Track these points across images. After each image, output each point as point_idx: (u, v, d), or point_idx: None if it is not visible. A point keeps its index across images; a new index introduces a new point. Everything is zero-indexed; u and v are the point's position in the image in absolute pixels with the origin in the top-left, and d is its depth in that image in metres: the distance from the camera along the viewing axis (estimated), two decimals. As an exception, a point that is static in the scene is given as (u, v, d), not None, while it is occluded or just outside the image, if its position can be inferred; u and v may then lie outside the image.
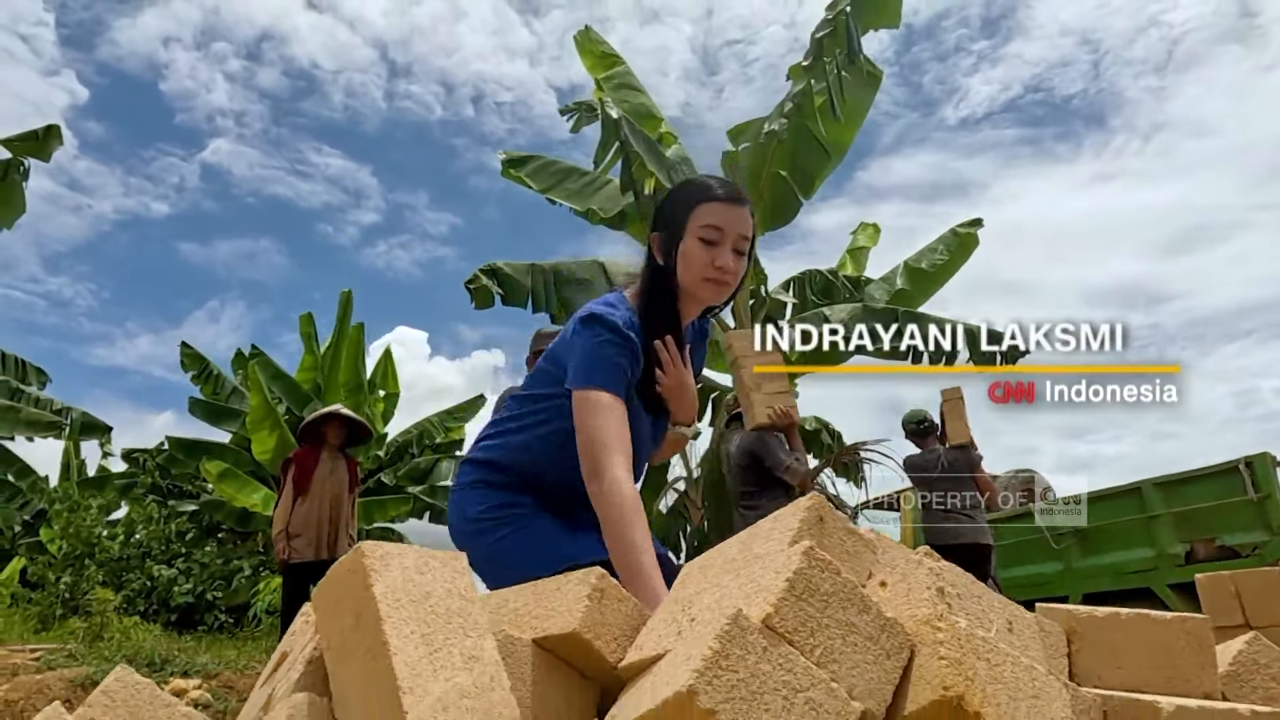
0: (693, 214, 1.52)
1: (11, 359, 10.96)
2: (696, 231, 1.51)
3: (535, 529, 1.51)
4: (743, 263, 1.56)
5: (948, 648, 0.81)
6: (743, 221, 1.53)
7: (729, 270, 1.51)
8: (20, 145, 8.77)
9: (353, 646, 0.94)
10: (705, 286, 1.52)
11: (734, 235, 1.52)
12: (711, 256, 1.50)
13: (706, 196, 1.53)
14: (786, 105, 6.76)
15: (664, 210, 1.60)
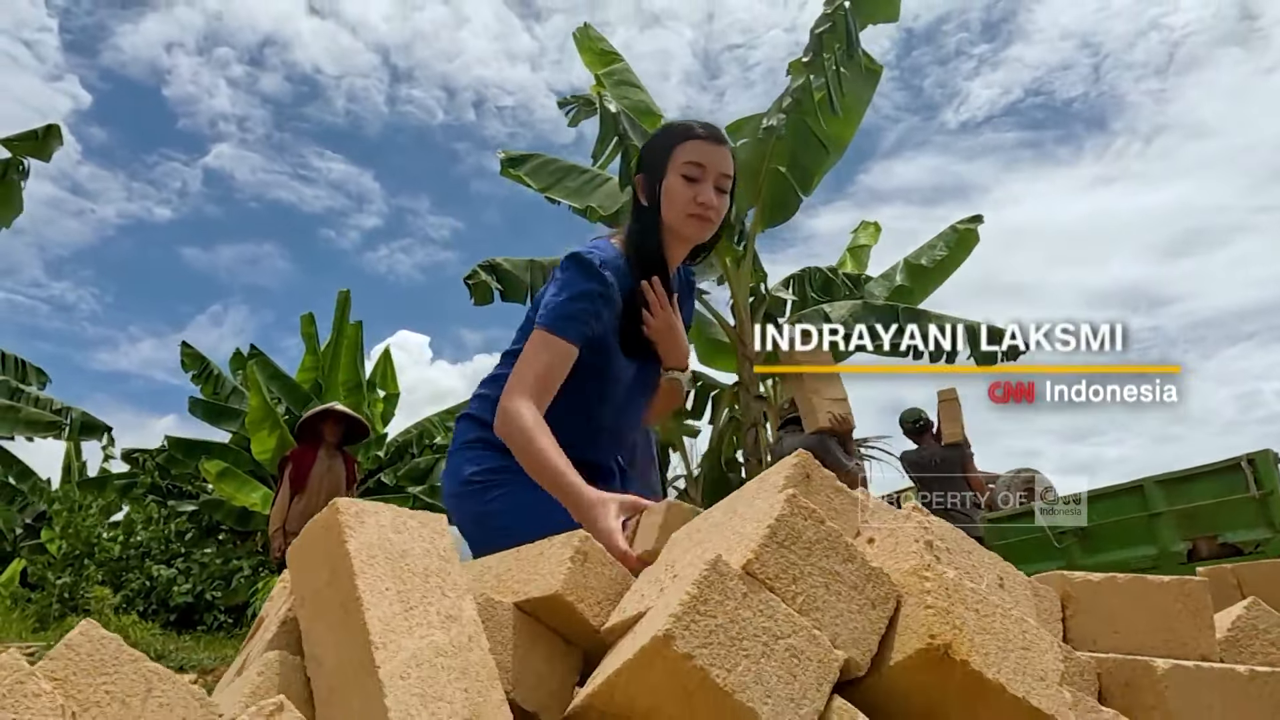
0: (674, 152, 1.54)
1: (11, 359, 10.96)
2: (679, 169, 1.53)
3: (527, 491, 1.48)
4: (725, 200, 1.57)
5: (935, 597, 0.78)
6: (724, 160, 1.56)
7: (711, 205, 1.53)
8: (20, 145, 8.77)
9: (326, 603, 0.92)
10: (689, 223, 1.54)
11: (715, 173, 1.54)
12: (694, 192, 1.52)
13: (688, 135, 1.55)
14: (785, 101, 6.74)
15: (647, 151, 1.61)
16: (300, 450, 5.39)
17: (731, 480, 7.27)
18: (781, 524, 0.79)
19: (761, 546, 0.77)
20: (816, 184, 7.62)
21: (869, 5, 6.66)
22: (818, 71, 6.65)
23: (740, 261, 7.51)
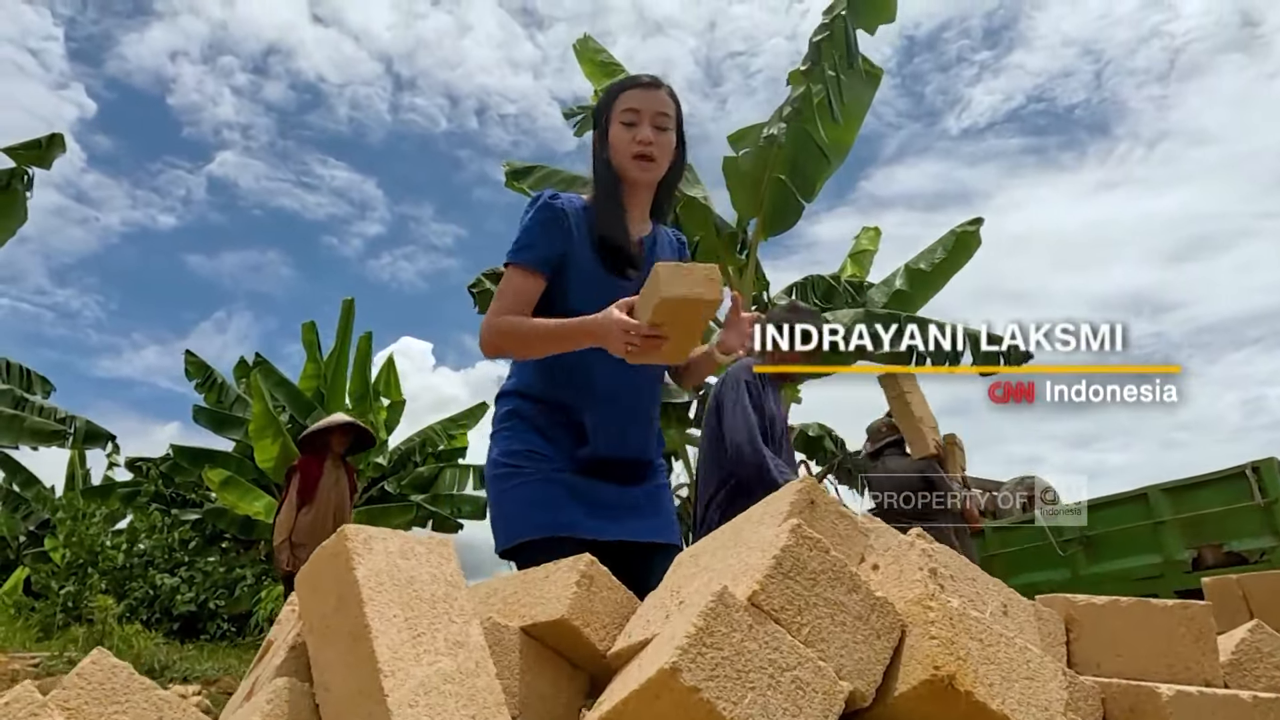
0: (614, 104, 1.66)
1: (16, 368, 10.97)
2: (618, 117, 1.64)
3: (536, 489, 1.58)
4: (667, 137, 1.65)
5: (939, 627, 0.79)
6: (659, 101, 1.65)
7: (648, 140, 1.61)
8: (24, 154, 8.81)
9: (334, 630, 0.92)
10: (632, 164, 1.63)
11: (650, 113, 1.63)
12: (632, 135, 1.62)
13: (624, 86, 1.68)
14: (786, 110, 6.75)
15: (595, 113, 1.72)
16: (306, 461, 5.39)
17: (734, 489, 7.27)
18: (787, 554, 0.80)
19: (767, 578, 0.78)
20: (818, 191, 7.61)
21: (867, 10, 6.66)
22: (817, 80, 6.67)
23: (743, 270, 7.52)
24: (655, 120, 1.63)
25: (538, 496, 1.58)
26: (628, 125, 1.63)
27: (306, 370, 12.67)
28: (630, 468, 1.70)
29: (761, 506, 1.07)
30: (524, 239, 1.61)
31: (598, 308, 1.56)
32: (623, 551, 1.60)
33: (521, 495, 1.59)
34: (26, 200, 9.16)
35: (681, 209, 6.66)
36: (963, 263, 7.81)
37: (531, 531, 1.56)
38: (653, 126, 1.63)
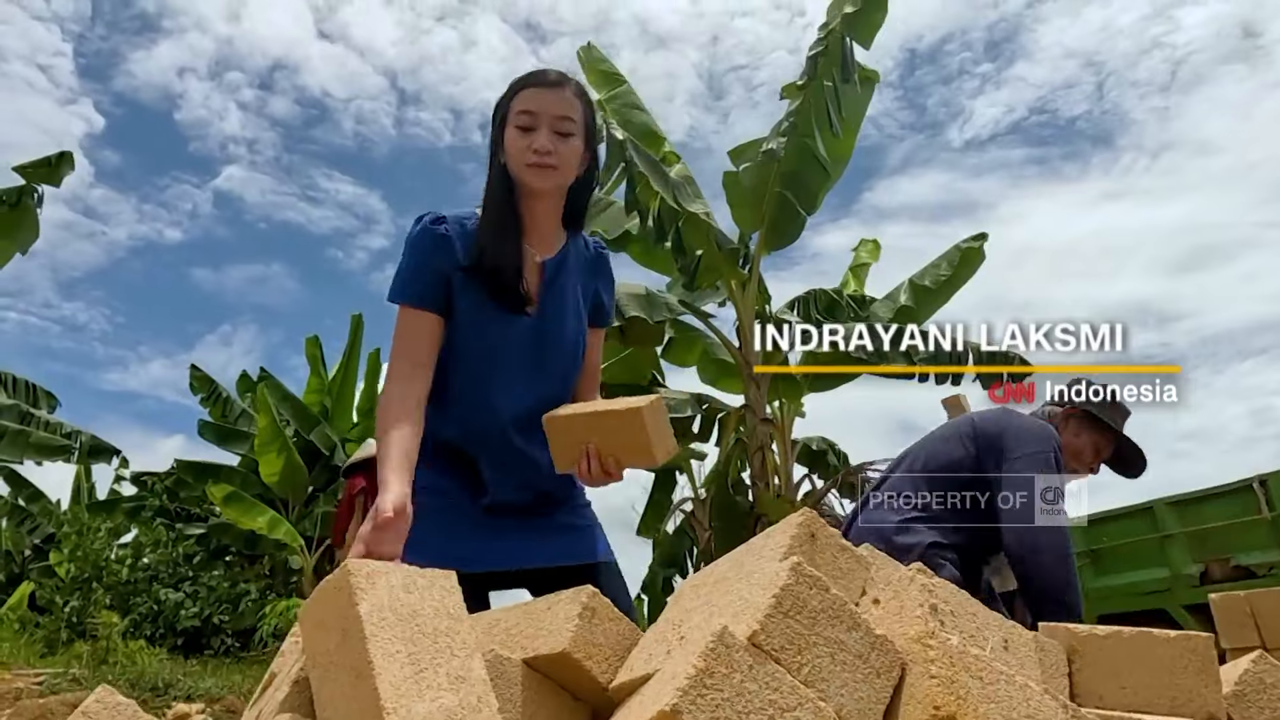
0: (510, 105, 1.47)
1: (22, 383, 11.03)
2: (514, 120, 1.45)
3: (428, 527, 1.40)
4: (570, 144, 1.46)
5: (939, 666, 0.79)
6: (560, 102, 1.45)
7: (546, 150, 1.42)
8: (34, 171, 8.89)
9: (338, 665, 0.93)
10: (527, 172, 1.44)
11: (549, 117, 1.44)
12: (528, 142, 1.43)
13: (522, 85, 1.48)
14: (784, 124, 6.79)
15: (495, 108, 1.52)
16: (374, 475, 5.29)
17: (739, 504, 7.25)
18: (787, 593, 0.80)
19: (767, 617, 0.78)
20: (820, 203, 7.64)
21: (862, 21, 6.68)
22: (815, 93, 6.70)
23: (745, 284, 7.53)
24: (556, 125, 1.44)
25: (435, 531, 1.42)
26: (523, 130, 1.44)
27: (311, 385, 12.72)
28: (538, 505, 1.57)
29: (763, 538, 1.07)
30: (404, 271, 1.45)
31: (488, 348, 1.47)
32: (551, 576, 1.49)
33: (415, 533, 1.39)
34: (38, 217, 9.26)
35: (683, 224, 6.69)
36: (967, 278, 7.82)
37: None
38: (553, 132, 1.44)
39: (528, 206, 1.50)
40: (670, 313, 6.98)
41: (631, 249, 7.84)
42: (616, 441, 1.42)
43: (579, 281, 1.58)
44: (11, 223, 9.04)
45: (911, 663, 0.82)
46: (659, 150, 7.90)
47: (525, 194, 1.49)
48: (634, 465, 1.47)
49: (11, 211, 9.00)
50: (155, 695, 4.23)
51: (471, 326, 1.47)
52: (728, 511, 7.16)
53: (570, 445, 1.45)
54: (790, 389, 8.22)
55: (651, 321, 6.64)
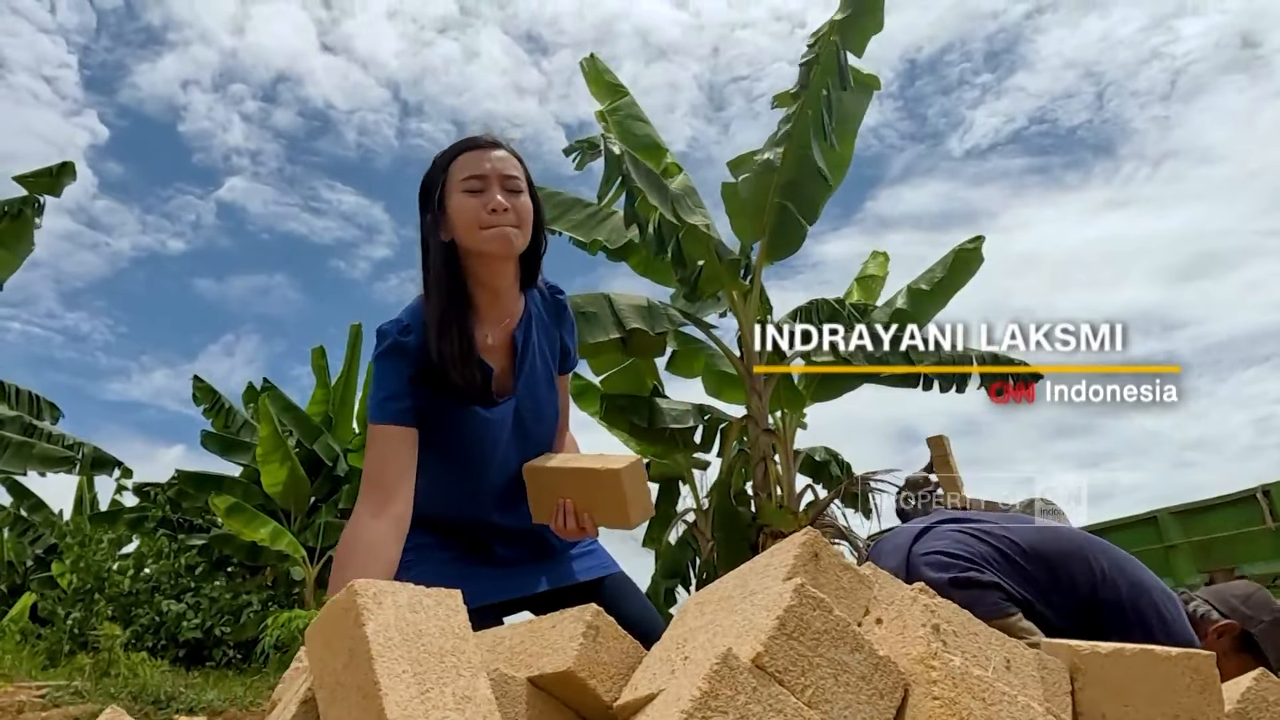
0: (449, 172, 1.40)
1: (25, 394, 11.04)
2: (458, 187, 1.38)
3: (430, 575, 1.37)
4: (522, 201, 1.40)
5: (941, 687, 0.80)
6: (504, 161, 1.40)
7: (501, 207, 1.36)
8: (35, 182, 8.95)
9: (345, 686, 0.93)
10: (484, 236, 1.36)
11: (498, 176, 1.38)
12: (481, 202, 1.36)
13: (456, 151, 1.42)
14: (779, 134, 6.82)
15: (422, 190, 1.45)
16: None
17: (741, 514, 7.24)
18: (790, 615, 0.81)
19: (771, 639, 0.79)
20: (820, 212, 7.66)
21: (856, 30, 6.70)
22: (812, 103, 6.72)
23: (747, 295, 7.55)
24: (504, 183, 1.38)
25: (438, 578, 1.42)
26: (473, 193, 1.37)
27: (316, 395, 12.74)
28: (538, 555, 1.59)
29: (767, 557, 1.08)
30: (383, 392, 1.37)
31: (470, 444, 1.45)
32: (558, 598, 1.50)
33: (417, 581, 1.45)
34: (35, 228, 9.29)
35: (683, 236, 6.71)
36: (964, 281, 7.83)
37: None
38: (504, 189, 1.38)
39: (485, 279, 1.42)
40: (671, 324, 7.00)
41: (633, 260, 7.86)
42: (593, 500, 1.44)
43: (545, 339, 1.54)
44: (13, 234, 9.08)
45: (914, 684, 0.83)
46: (661, 161, 7.93)
47: (481, 264, 1.40)
48: (608, 525, 1.48)
49: (14, 223, 9.05)
50: (157, 708, 4.23)
51: (450, 426, 1.43)
52: (730, 522, 7.15)
53: (548, 498, 1.47)
54: (792, 399, 8.22)
55: (653, 333, 6.65)
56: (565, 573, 1.58)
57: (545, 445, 1.58)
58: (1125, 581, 1.86)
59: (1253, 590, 2.09)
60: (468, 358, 1.38)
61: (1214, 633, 1.98)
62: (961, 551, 1.85)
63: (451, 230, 1.39)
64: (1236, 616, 1.99)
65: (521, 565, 1.56)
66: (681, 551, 8.92)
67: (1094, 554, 1.89)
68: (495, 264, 1.40)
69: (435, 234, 1.40)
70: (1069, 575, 1.84)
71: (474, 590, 1.44)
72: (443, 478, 1.47)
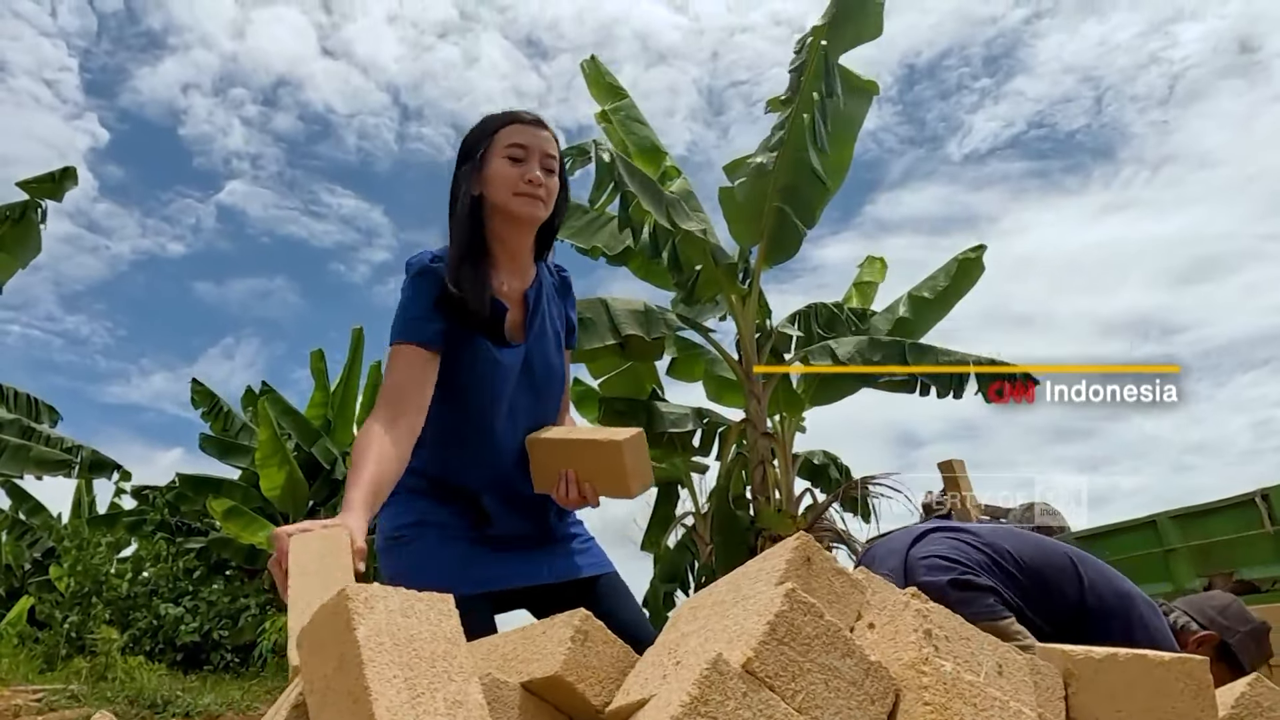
0: (496, 137, 1.51)
1: (23, 397, 11.03)
2: (502, 152, 1.50)
3: (430, 554, 1.45)
4: (554, 181, 1.53)
5: (933, 693, 0.80)
6: (548, 141, 1.53)
7: (539, 182, 1.48)
8: (37, 187, 8.95)
9: (335, 691, 0.93)
10: (518, 201, 1.48)
11: (540, 153, 1.51)
12: (520, 171, 1.48)
13: (508, 120, 1.53)
14: (774, 138, 6.82)
15: (466, 143, 1.56)
16: None
17: (740, 518, 7.23)
18: (781, 620, 0.81)
19: (761, 644, 0.79)
20: (819, 216, 7.67)
21: (850, 31, 6.70)
22: (804, 107, 6.73)
23: (746, 299, 7.55)
24: (543, 160, 1.51)
25: (436, 558, 1.45)
26: (514, 161, 1.49)
27: (315, 399, 12.73)
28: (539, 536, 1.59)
29: (759, 561, 1.07)
30: (411, 312, 1.44)
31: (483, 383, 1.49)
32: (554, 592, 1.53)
33: (416, 560, 1.46)
34: (41, 232, 9.30)
35: (679, 241, 6.72)
36: (966, 289, 7.84)
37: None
38: (542, 166, 1.50)
39: (506, 237, 1.53)
40: (669, 328, 7.00)
41: (631, 264, 7.87)
42: (595, 470, 1.47)
43: (554, 308, 1.63)
44: (15, 238, 9.09)
45: (905, 689, 0.82)
46: (660, 164, 7.94)
47: (506, 224, 1.52)
48: (609, 495, 1.50)
49: (15, 227, 9.06)
50: (154, 712, 4.21)
51: (464, 362, 1.48)
52: (728, 526, 7.14)
53: (550, 468, 1.50)
54: (791, 402, 8.22)
55: (649, 338, 6.65)
56: (566, 566, 1.58)
57: (552, 408, 1.62)
58: (1111, 591, 1.91)
59: (1229, 601, 2.18)
60: (482, 284, 1.47)
61: (1194, 643, 2.03)
62: (959, 556, 1.90)
63: (484, 186, 1.50)
64: (1215, 627, 2.05)
65: (521, 550, 1.55)
66: (680, 555, 8.90)
67: (1080, 564, 1.95)
68: (519, 226, 1.52)
69: (469, 184, 1.51)
70: (1058, 583, 1.90)
71: (472, 575, 1.47)
72: (451, 422, 1.50)
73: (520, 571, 1.54)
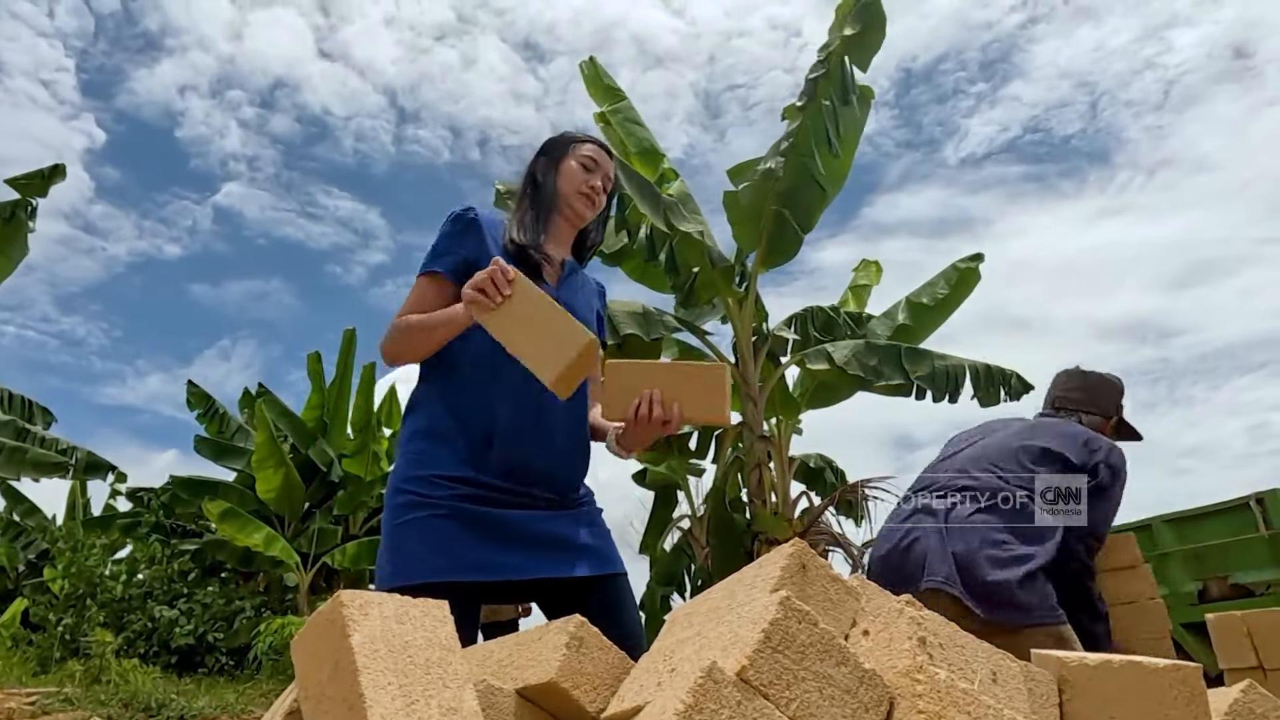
0: (575, 147, 1.80)
1: (18, 399, 11.00)
2: (579, 158, 1.78)
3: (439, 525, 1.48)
4: (604, 198, 1.81)
5: (927, 700, 0.80)
6: (610, 166, 1.82)
7: (599, 190, 1.78)
8: (26, 184, 8.93)
9: (330, 698, 0.93)
10: (579, 198, 1.76)
11: (604, 171, 1.80)
12: (587, 178, 1.77)
13: (589, 139, 1.83)
14: (783, 144, 6.83)
15: (549, 144, 1.83)
16: None
17: (736, 521, 7.23)
18: (776, 628, 0.81)
19: (756, 652, 0.79)
20: (817, 221, 7.69)
21: (860, 43, 6.73)
22: (814, 115, 6.75)
23: (743, 302, 7.56)
24: (605, 179, 1.79)
25: (440, 534, 1.47)
26: (586, 169, 1.77)
27: (311, 400, 12.70)
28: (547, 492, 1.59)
29: (755, 568, 1.07)
30: (436, 248, 1.65)
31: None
32: (558, 586, 1.53)
33: (421, 532, 1.47)
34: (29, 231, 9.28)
35: (676, 244, 6.73)
36: (964, 297, 7.86)
37: (428, 574, 1.43)
38: (602, 180, 1.79)
39: (557, 218, 1.78)
40: (667, 330, 7.00)
41: (627, 265, 7.86)
42: (686, 394, 1.43)
43: (588, 296, 1.81)
44: (5, 238, 9.06)
45: (900, 697, 0.83)
46: (658, 166, 7.94)
47: (561, 212, 1.78)
48: (697, 421, 1.52)
49: (5, 226, 9.03)
50: (148, 715, 4.20)
51: None
52: (725, 529, 7.14)
53: (628, 391, 1.44)
54: (787, 406, 8.23)
55: (648, 339, 6.65)
56: (567, 561, 1.54)
57: None
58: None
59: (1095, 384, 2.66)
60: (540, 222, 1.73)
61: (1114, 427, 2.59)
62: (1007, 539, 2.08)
63: (556, 176, 1.77)
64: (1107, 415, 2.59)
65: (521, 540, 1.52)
66: (676, 559, 8.90)
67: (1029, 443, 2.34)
68: (568, 219, 1.79)
69: (544, 172, 1.79)
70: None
71: (467, 560, 1.46)
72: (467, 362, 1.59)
73: (531, 564, 1.51)
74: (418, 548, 1.46)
